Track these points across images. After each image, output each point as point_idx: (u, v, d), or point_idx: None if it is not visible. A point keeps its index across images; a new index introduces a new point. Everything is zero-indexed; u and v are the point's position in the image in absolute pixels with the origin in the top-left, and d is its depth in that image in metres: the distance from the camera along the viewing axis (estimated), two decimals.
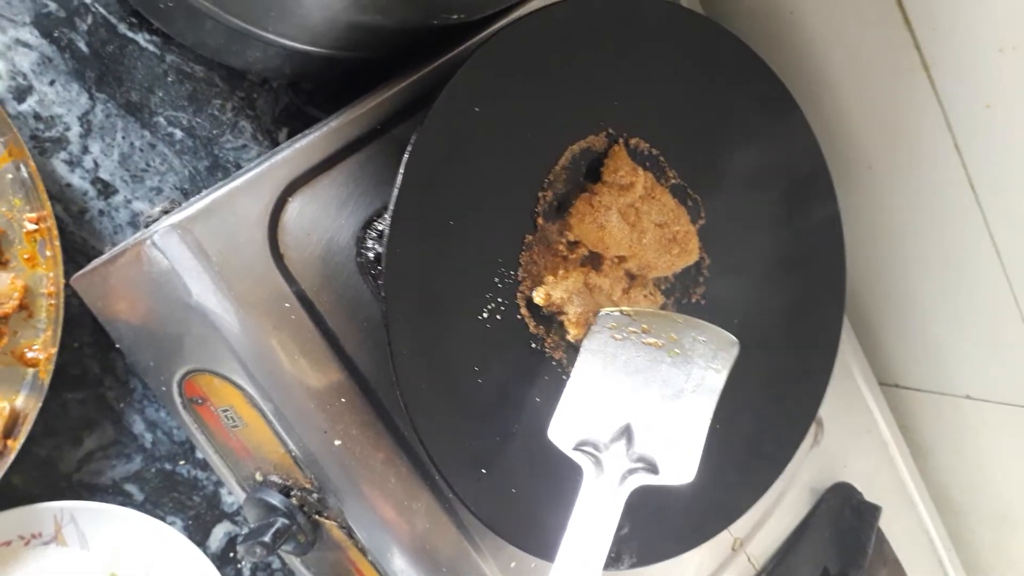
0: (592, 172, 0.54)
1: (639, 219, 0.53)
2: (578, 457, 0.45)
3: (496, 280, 0.50)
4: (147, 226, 0.47)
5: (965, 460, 0.82)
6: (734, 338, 0.49)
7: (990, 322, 0.70)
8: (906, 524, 0.80)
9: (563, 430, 0.46)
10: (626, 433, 0.46)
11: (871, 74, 0.64)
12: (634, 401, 0.47)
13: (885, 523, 0.73)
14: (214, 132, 0.60)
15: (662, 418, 0.46)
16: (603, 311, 0.50)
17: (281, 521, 0.49)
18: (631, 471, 0.45)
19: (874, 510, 0.72)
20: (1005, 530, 0.86)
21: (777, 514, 0.69)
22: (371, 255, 0.49)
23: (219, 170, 0.60)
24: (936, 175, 0.65)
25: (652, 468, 0.45)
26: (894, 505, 0.76)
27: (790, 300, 0.62)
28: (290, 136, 0.62)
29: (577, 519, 0.43)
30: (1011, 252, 0.64)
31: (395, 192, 0.45)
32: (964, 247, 0.69)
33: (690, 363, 0.48)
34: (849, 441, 0.74)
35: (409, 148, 0.45)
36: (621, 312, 0.49)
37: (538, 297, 0.50)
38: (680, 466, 0.45)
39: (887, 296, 0.77)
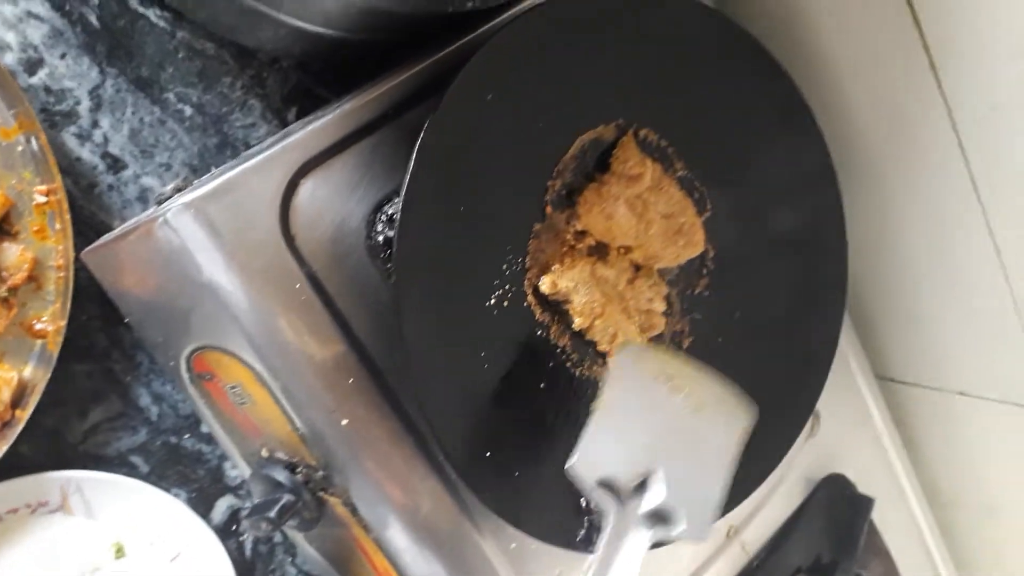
0: (601, 162, 0.54)
1: (646, 210, 0.54)
2: (601, 497, 0.44)
3: (504, 267, 0.50)
4: (159, 203, 0.47)
5: (956, 454, 0.83)
6: (754, 406, 0.49)
7: (987, 322, 0.71)
8: (897, 516, 0.81)
9: (587, 465, 0.44)
10: (648, 480, 0.45)
11: (878, 72, 0.64)
12: (658, 448, 0.45)
13: (877, 515, 0.75)
14: (223, 110, 0.60)
15: (683, 472, 0.45)
16: (632, 347, 0.48)
17: (287, 497, 0.50)
18: (650, 521, 0.44)
19: (867, 502, 0.73)
20: (992, 523, 0.87)
21: (771, 503, 0.70)
22: (381, 239, 0.50)
23: (228, 147, 0.60)
24: (939, 174, 0.66)
25: (669, 521, 0.44)
26: (886, 497, 0.77)
27: (792, 293, 0.63)
28: (299, 116, 0.62)
29: (603, 563, 0.43)
30: (1011, 254, 0.65)
31: (407, 176, 0.45)
32: (965, 247, 0.69)
33: (712, 423, 0.47)
34: (844, 433, 0.75)
35: (422, 133, 0.46)
36: (649, 350, 0.49)
37: (544, 285, 0.51)
38: (697, 525, 0.45)
39: (887, 292, 0.77)
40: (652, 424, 0.46)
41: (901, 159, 0.68)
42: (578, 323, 0.51)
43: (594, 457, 0.44)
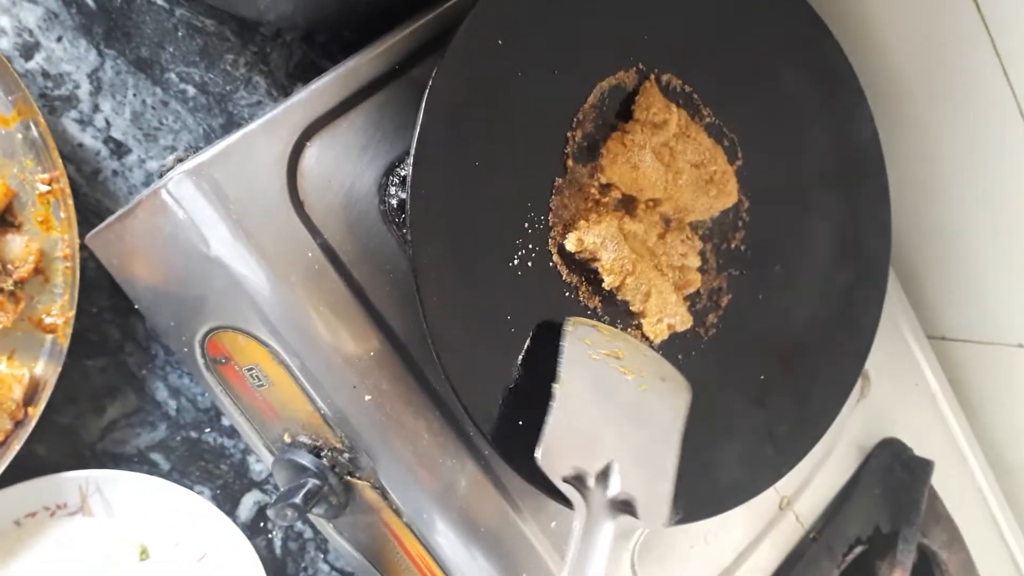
0: (623, 112, 0.51)
1: (674, 159, 0.51)
2: (569, 491, 0.43)
3: (526, 225, 0.47)
4: (161, 176, 0.45)
5: (1019, 414, 0.78)
6: (687, 384, 0.49)
7: None
8: (958, 481, 0.77)
9: (553, 457, 0.42)
10: (609, 469, 0.44)
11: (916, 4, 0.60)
12: (615, 434, 0.45)
13: (936, 479, 0.70)
14: (227, 88, 0.58)
15: (638, 456, 0.45)
16: (571, 321, 0.46)
17: (312, 482, 0.47)
18: (614, 510, 0.43)
19: (926, 465, 0.69)
20: None
21: (824, 472, 0.66)
22: (394, 202, 0.47)
23: (233, 127, 0.58)
24: (986, 112, 0.62)
25: (631, 509, 0.44)
26: (945, 461, 0.73)
27: (834, 245, 0.60)
28: None
29: (575, 559, 0.42)
30: None
31: (415, 134, 0.43)
32: (1015, 188, 0.65)
33: (659, 403, 0.47)
34: (897, 396, 0.71)
35: (428, 87, 0.43)
36: (595, 327, 0.47)
37: (570, 243, 0.48)
38: (655, 510, 0.45)
39: (933, 244, 0.73)
40: (608, 410, 0.45)
41: (944, 97, 0.64)
42: (608, 282, 0.48)
43: (557, 449, 0.43)
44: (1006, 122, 0.60)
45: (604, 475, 0.44)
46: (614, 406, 0.45)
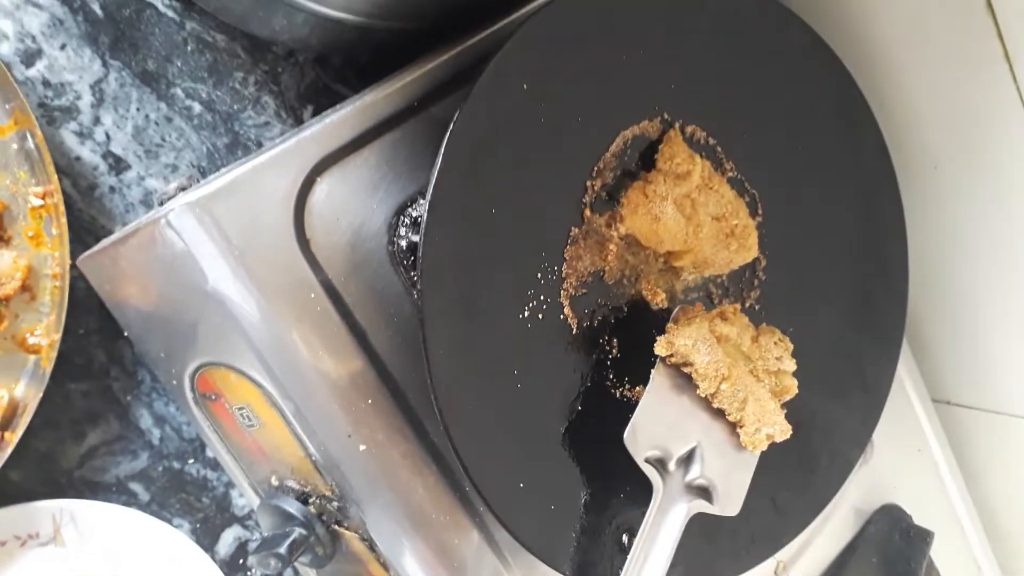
0: (644, 162, 0.49)
1: (695, 211, 0.49)
2: (649, 472, 0.45)
3: (539, 276, 0.46)
4: (162, 204, 0.43)
5: (1019, 484, 0.77)
6: None
7: None
8: (955, 550, 0.75)
9: (638, 438, 0.45)
10: (692, 456, 0.46)
11: (945, 65, 0.59)
12: (701, 423, 0.46)
13: (934, 549, 0.69)
14: (235, 107, 0.56)
15: (720, 447, 0.47)
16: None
17: (298, 531, 0.45)
18: (691, 494, 0.45)
19: (925, 535, 0.67)
20: None
21: (822, 536, 0.64)
22: (404, 244, 0.45)
23: (239, 148, 0.56)
24: (1009, 179, 0.61)
25: (707, 496, 0.46)
26: (944, 530, 0.71)
27: (849, 311, 0.58)
28: (316, 114, 0.58)
29: (646, 536, 0.44)
30: None
31: (434, 175, 0.41)
32: None
33: None
34: (899, 460, 0.70)
35: (451, 127, 0.41)
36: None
37: (660, 347, 0.46)
38: (731, 500, 0.47)
39: (944, 308, 0.72)
40: (697, 403, 0.47)
41: (967, 162, 0.63)
42: (703, 388, 0.46)
43: (644, 431, 0.45)
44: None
45: (686, 461, 0.46)
46: (702, 400, 0.47)
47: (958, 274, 0.70)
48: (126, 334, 0.50)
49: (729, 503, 0.46)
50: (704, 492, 0.46)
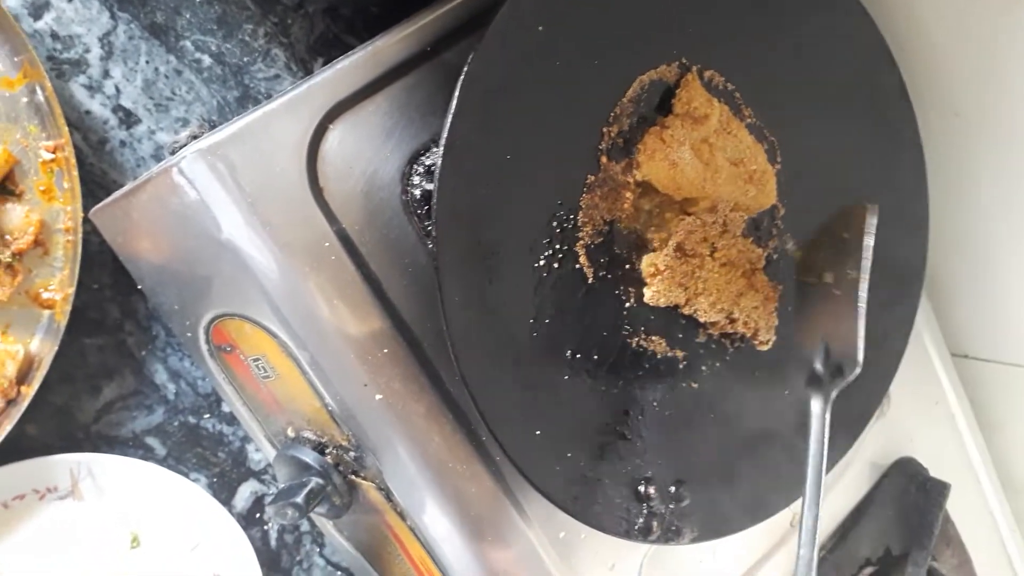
0: (662, 107, 0.49)
1: (713, 156, 0.48)
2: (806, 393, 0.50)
3: (555, 224, 0.45)
4: (173, 153, 0.42)
5: None
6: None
7: None
8: (970, 503, 0.75)
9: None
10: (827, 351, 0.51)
11: (969, 10, 0.58)
12: (829, 312, 0.51)
13: (951, 502, 0.69)
14: (244, 59, 0.55)
15: (846, 325, 0.50)
16: None
17: (315, 481, 0.45)
18: (833, 383, 0.50)
19: (942, 487, 0.67)
20: None
21: (838, 489, 0.64)
22: (417, 193, 0.45)
23: (249, 101, 0.55)
24: None
25: (841, 372, 0.50)
26: (960, 483, 0.71)
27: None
28: None
29: (814, 446, 0.48)
30: None
31: (448, 121, 0.40)
32: None
33: None
34: (916, 413, 0.69)
35: (465, 71, 0.40)
36: None
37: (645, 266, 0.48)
38: (855, 361, 0.50)
39: (962, 262, 0.71)
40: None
41: (988, 108, 0.61)
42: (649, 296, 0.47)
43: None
44: None
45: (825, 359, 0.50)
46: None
47: (978, 226, 0.69)
48: (140, 287, 0.50)
49: (855, 366, 0.50)
50: (839, 371, 0.50)
